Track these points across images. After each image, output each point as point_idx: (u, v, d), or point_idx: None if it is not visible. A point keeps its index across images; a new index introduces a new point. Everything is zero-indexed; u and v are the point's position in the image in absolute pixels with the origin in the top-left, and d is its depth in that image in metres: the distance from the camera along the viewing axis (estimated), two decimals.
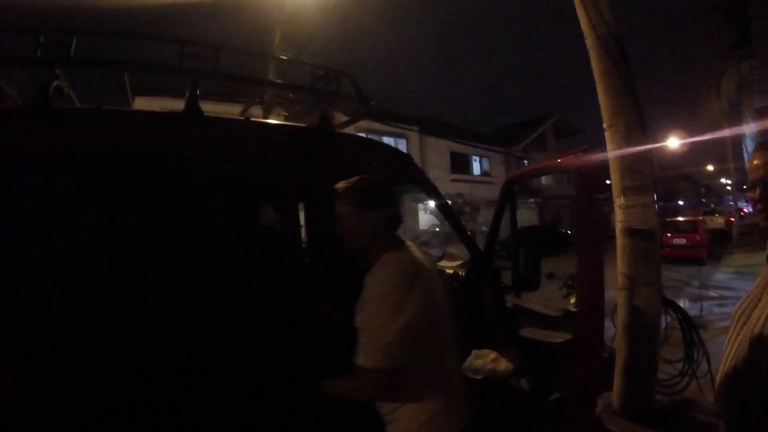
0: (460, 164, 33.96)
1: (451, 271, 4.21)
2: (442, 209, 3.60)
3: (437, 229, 22.91)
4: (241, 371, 2.25)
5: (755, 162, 1.52)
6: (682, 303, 6.10)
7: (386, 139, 29.47)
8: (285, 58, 7.62)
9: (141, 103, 20.35)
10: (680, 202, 59.60)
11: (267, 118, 16.00)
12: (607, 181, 4.69)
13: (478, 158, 36.12)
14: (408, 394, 1.87)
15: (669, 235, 19.10)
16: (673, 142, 29.00)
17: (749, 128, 13.94)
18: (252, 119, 3.14)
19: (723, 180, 53.04)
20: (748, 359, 1.44)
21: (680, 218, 22.79)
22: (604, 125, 4.60)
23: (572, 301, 3.14)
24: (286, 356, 2.34)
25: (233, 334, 2.34)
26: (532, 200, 32.55)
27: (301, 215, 2.61)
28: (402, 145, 30.30)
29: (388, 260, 1.90)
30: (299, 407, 2.23)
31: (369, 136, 27.58)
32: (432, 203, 3.60)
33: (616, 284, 4.38)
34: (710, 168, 50.50)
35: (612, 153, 4.46)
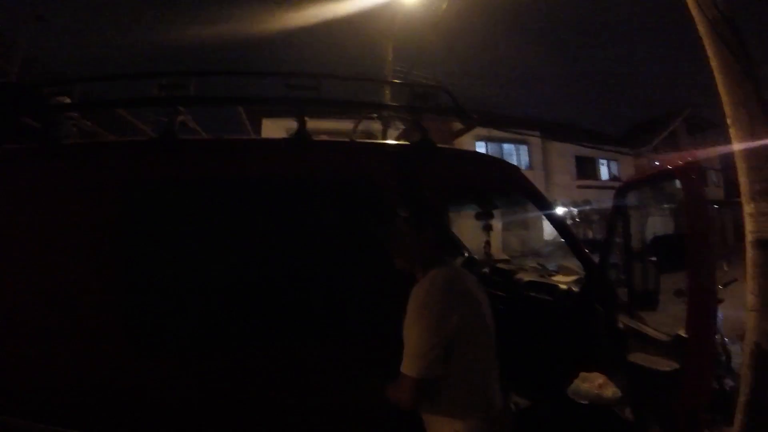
0: (587, 169, 32.50)
1: (564, 287, 4.05)
2: (553, 220, 3.51)
3: (562, 240, 21.96)
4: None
5: None
6: None
7: (506, 146, 29.08)
8: (383, 80, 7.81)
9: (267, 125, 21.84)
10: None
11: (386, 132, 16.51)
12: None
13: (605, 161, 34.09)
14: (444, 407, 1.94)
15: None
16: None
17: None
18: (356, 140, 3.28)
19: None
20: None
21: None
22: (728, 120, 4.13)
23: None
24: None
25: (346, 336, 2.64)
26: (666, 206, 30.27)
27: None
28: (523, 152, 29.62)
29: (431, 276, 1.98)
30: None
31: (489, 145, 27.26)
32: (545, 214, 3.50)
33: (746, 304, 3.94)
34: None
35: (735, 150, 3.98)
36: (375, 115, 4.54)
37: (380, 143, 3.42)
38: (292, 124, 2.82)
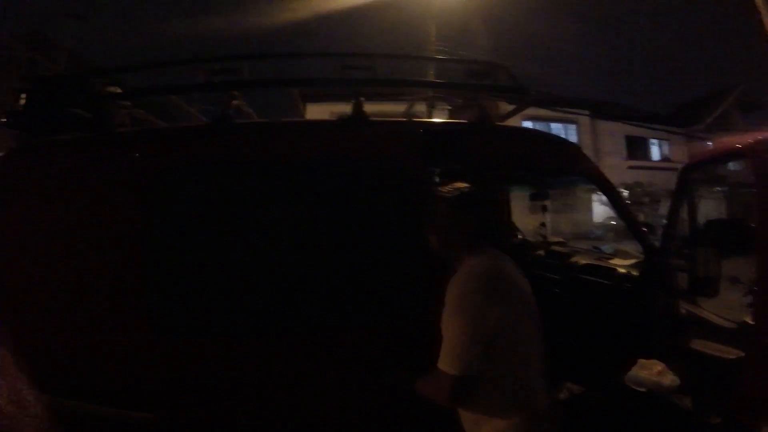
0: (637, 149, 31.55)
1: (623, 271, 3.90)
2: (613, 202, 3.37)
3: (613, 223, 21.44)
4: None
5: None
6: None
7: (554, 126, 28.50)
8: (439, 57, 7.76)
9: (312, 109, 22.00)
10: None
11: (431, 113, 16.50)
12: None
13: (656, 142, 32.85)
14: (486, 405, 1.87)
15: None
16: None
17: None
18: (414, 119, 3.24)
19: None
20: None
21: None
22: None
23: None
24: None
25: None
26: (718, 189, 28.97)
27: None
28: (572, 132, 29.00)
29: (469, 266, 1.91)
30: None
31: (535, 124, 26.90)
32: (607, 196, 3.39)
33: None
34: None
35: None
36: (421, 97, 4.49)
37: (439, 122, 3.36)
38: (335, 108, 2.82)
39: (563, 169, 3.28)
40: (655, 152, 33.39)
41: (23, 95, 2.60)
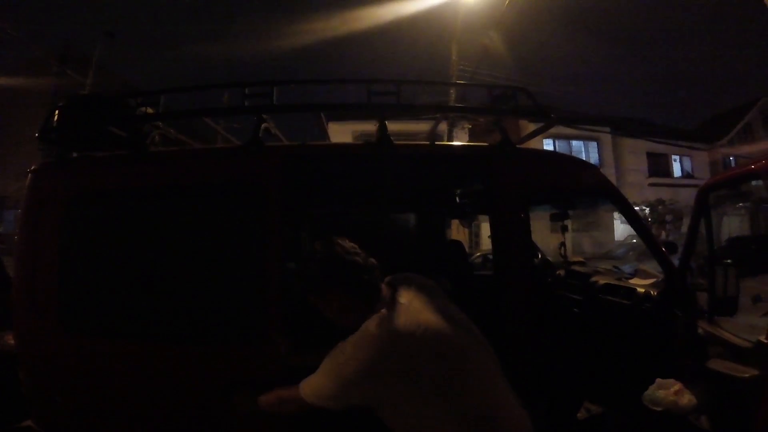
0: (659, 166, 31.05)
1: (642, 290, 3.90)
2: (632, 221, 3.43)
3: (634, 241, 21.16)
4: None
5: None
6: None
7: (575, 144, 28.41)
8: (460, 82, 7.88)
9: (334, 128, 22.33)
10: None
11: (452, 132, 16.71)
12: None
13: (678, 158, 32.29)
14: None
15: None
16: None
17: None
18: (437, 143, 3.33)
19: None
20: None
21: None
22: None
23: None
24: None
25: None
26: (740, 205, 28.20)
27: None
28: (593, 149, 28.85)
29: (381, 318, 1.70)
30: None
31: (556, 141, 26.73)
32: (625, 215, 3.42)
33: None
34: None
35: None
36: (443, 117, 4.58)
37: (462, 146, 3.45)
38: (356, 127, 2.95)
39: (581, 190, 3.34)
40: (677, 168, 32.81)
41: (57, 112, 2.79)
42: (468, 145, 3.40)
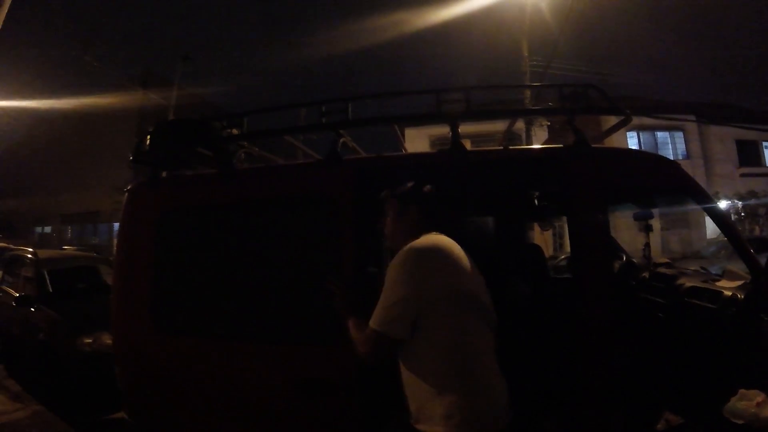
0: (750, 155, 28.94)
1: (729, 294, 3.62)
2: (716, 218, 3.24)
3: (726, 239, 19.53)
4: None
5: None
6: None
7: (660, 135, 27.19)
8: (533, 84, 7.77)
9: (410, 134, 22.60)
10: None
11: (529, 130, 16.42)
12: None
13: None
14: (426, 384, 1.93)
15: None
16: None
17: None
18: (510, 147, 3.31)
19: None
20: None
21: None
22: None
23: None
24: None
25: None
26: None
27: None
28: (679, 140, 27.53)
29: (410, 244, 2.05)
30: None
31: (640, 133, 25.68)
32: (707, 211, 3.25)
33: None
34: None
35: None
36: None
37: (537, 149, 3.41)
38: (433, 132, 3.00)
39: (661, 188, 3.23)
40: None
41: (148, 136, 3.08)
42: (541, 147, 3.35)
